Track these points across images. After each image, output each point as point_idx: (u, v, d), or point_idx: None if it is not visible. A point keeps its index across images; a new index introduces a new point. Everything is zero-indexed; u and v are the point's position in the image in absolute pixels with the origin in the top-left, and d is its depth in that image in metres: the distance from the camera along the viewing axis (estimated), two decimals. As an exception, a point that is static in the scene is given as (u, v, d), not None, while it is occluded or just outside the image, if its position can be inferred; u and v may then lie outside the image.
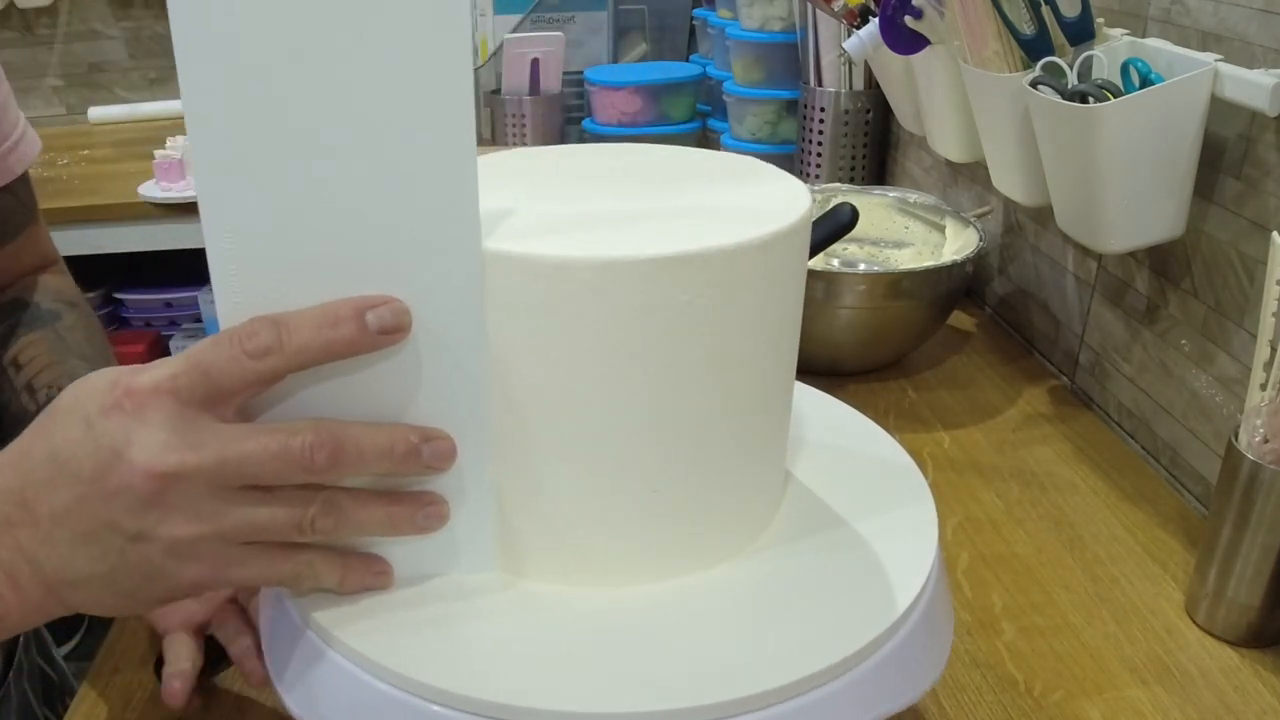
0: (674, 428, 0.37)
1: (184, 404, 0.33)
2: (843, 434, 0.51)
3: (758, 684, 0.34)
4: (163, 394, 0.33)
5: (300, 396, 0.35)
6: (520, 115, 1.51)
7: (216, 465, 0.33)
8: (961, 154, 0.94)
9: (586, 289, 0.35)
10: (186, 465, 0.32)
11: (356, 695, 0.36)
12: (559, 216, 0.38)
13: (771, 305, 0.38)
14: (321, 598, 0.38)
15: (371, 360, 0.35)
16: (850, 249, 0.98)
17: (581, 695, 0.34)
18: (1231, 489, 0.55)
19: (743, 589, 0.40)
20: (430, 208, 0.33)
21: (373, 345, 0.34)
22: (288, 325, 0.33)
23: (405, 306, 0.34)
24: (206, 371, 0.33)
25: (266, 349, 0.33)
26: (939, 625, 0.41)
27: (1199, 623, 0.58)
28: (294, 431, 0.34)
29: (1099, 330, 0.82)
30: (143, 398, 0.33)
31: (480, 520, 0.38)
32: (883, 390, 0.85)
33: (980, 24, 0.73)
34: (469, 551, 0.39)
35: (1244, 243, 0.64)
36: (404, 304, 0.34)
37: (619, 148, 0.47)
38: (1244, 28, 0.63)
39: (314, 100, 0.32)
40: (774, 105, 1.31)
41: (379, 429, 0.35)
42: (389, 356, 0.35)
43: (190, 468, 0.33)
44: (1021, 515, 0.69)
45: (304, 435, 0.34)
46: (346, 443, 0.34)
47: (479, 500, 0.38)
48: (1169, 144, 0.64)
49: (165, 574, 0.34)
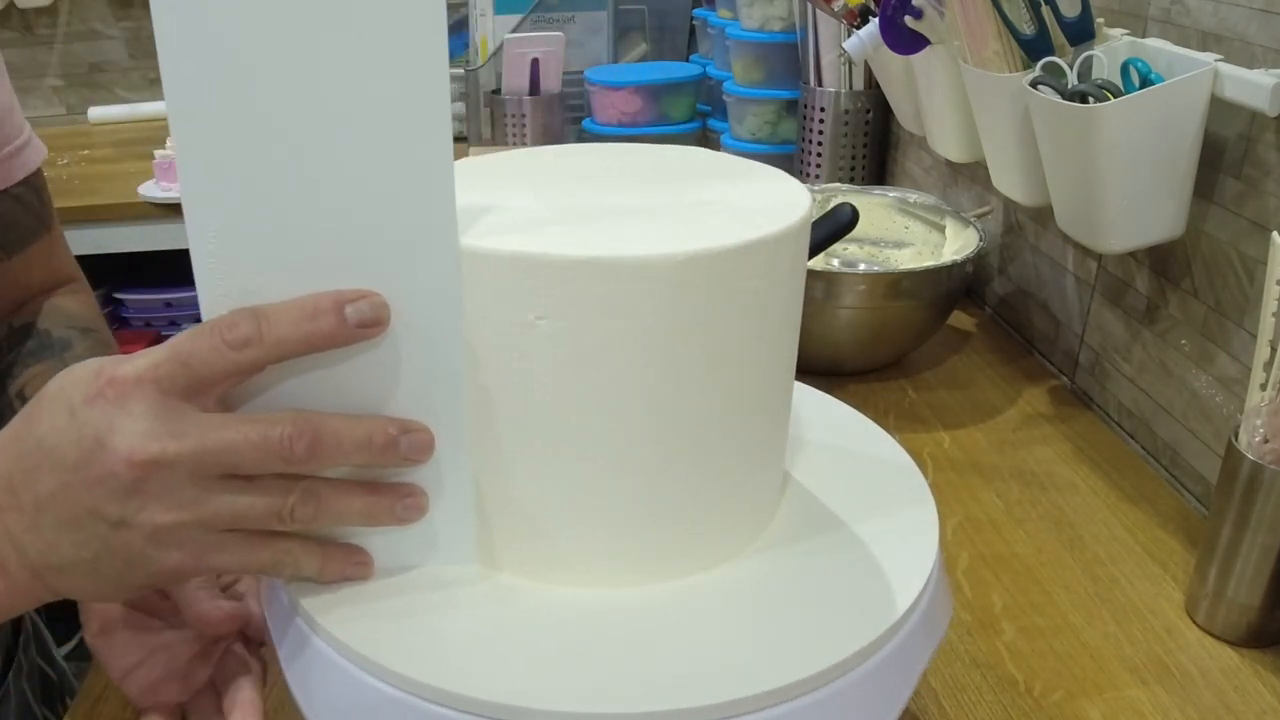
0: (673, 428, 0.37)
1: (165, 393, 0.33)
2: (843, 434, 0.51)
3: (756, 685, 0.34)
4: (145, 383, 0.33)
5: (280, 388, 0.36)
6: (520, 115, 1.51)
7: (197, 453, 0.33)
8: (961, 154, 0.94)
9: (586, 289, 0.35)
10: (168, 453, 0.33)
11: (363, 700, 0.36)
12: (559, 216, 0.38)
13: (771, 305, 0.38)
14: (322, 596, 0.38)
15: (350, 353, 0.35)
16: (850, 249, 0.97)
17: (581, 695, 0.34)
18: (1231, 489, 0.55)
19: (742, 590, 0.40)
20: (408, 205, 0.34)
21: (351, 338, 0.35)
22: (268, 317, 0.34)
23: (383, 300, 0.35)
24: (187, 362, 0.34)
25: (246, 340, 0.34)
26: (939, 627, 0.41)
27: (1199, 623, 0.58)
28: (274, 422, 0.34)
29: (1099, 330, 0.82)
30: (125, 387, 0.33)
31: (459, 512, 0.39)
32: (883, 390, 0.85)
33: (980, 24, 0.73)
34: (448, 543, 0.39)
35: (1244, 243, 0.64)
36: (382, 298, 0.35)
37: (619, 148, 0.47)
38: (1244, 28, 0.63)
39: (294, 102, 0.32)
40: (774, 105, 1.31)
41: (358, 420, 0.35)
42: (368, 350, 0.35)
43: (171, 456, 0.33)
44: (1021, 515, 0.69)
45: (283, 425, 0.34)
46: (325, 433, 0.35)
47: (457, 492, 0.38)
48: (1169, 144, 0.64)
49: (147, 560, 0.35)
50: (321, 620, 0.37)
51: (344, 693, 0.36)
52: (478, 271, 0.35)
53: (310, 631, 0.38)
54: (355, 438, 0.35)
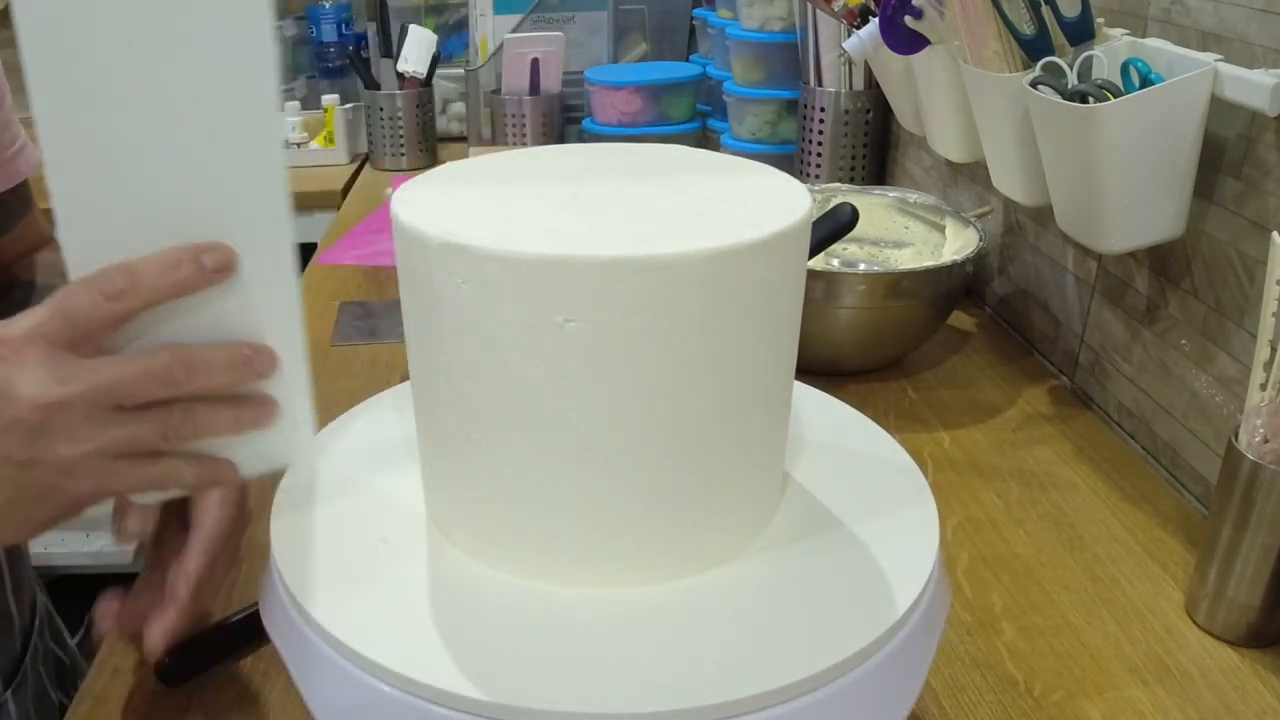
0: (672, 428, 0.37)
1: (54, 345, 0.38)
2: (843, 434, 0.51)
3: (757, 685, 0.34)
4: (35, 339, 0.38)
5: (151, 332, 0.41)
6: (520, 115, 1.51)
7: (91, 391, 0.38)
8: (961, 154, 0.94)
9: (586, 289, 0.35)
10: (67, 394, 0.38)
11: (364, 701, 0.36)
12: (559, 216, 0.38)
13: (771, 305, 0.38)
14: (322, 594, 0.38)
15: (206, 295, 0.41)
16: (850, 249, 0.97)
17: (581, 695, 0.34)
18: (1231, 489, 0.55)
19: (742, 590, 0.40)
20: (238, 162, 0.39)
21: (209, 282, 0.40)
22: (137, 270, 0.39)
23: (232, 249, 0.40)
24: (70, 315, 0.38)
25: (121, 291, 0.39)
26: (938, 627, 0.41)
27: (1199, 623, 0.58)
28: (153, 357, 0.40)
29: (1099, 330, 0.81)
30: (18, 345, 0.38)
31: (301, 414, 0.45)
32: (882, 390, 0.85)
33: (980, 24, 0.73)
34: (294, 442, 0.45)
35: (1244, 243, 0.64)
36: (230, 248, 0.40)
37: (618, 148, 0.47)
38: (1244, 27, 0.62)
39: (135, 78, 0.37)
40: (774, 105, 1.31)
41: (220, 347, 0.41)
42: (221, 291, 0.41)
43: (71, 396, 0.38)
44: (1021, 515, 0.68)
45: (163, 357, 0.40)
46: (196, 359, 0.40)
47: (298, 398, 0.44)
48: (1169, 144, 0.64)
49: (57, 491, 0.40)
50: (320, 619, 0.37)
51: (345, 693, 0.36)
52: (501, 275, 0.35)
53: (309, 631, 0.38)
54: (221, 360, 0.41)
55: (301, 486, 0.46)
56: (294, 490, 0.45)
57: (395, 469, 0.47)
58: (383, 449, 0.49)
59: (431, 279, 0.37)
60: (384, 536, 0.43)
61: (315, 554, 0.41)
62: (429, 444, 0.42)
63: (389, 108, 1.55)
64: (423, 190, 0.41)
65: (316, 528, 0.43)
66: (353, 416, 0.52)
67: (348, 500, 0.45)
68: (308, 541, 0.42)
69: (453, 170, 0.44)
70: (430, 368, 0.40)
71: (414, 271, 0.38)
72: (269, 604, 0.42)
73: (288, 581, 0.40)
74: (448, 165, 0.45)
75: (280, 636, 0.40)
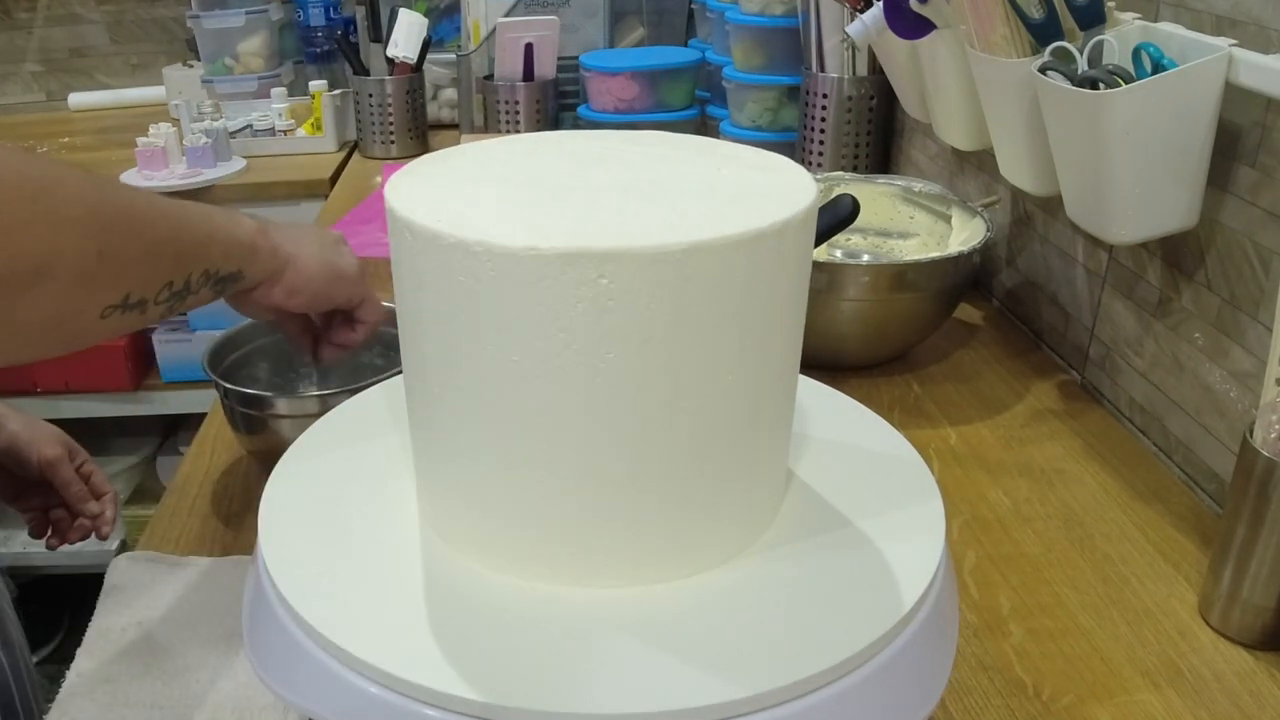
0: (673, 423, 0.37)
1: None
2: (847, 429, 0.50)
3: (758, 684, 0.34)
4: None
5: None
6: (513, 102, 1.50)
7: None
8: (968, 142, 0.93)
9: (586, 281, 0.34)
10: None
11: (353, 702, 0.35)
12: (556, 207, 0.37)
13: (775, 297, 0.38)
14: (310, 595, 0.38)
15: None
16: (854, 240, 0.97)
17: (580, 696, 0.34)
18: (1246, 487, 0.54)
19: (745, 588, 0.40)
20: None
21: None
22: None
23: None
24: None
25: None
26: (947, 625, 0.41)
27: (1213, 625, 0.57)
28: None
29: (1109, 323, 0.80)
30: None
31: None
32: (887, 385, 0.85)
33: (987, 7, 0.73)
34: None
35: (1259, 233, 0.63)
36: None
37: (615, 135, 0.46)
38: (1260, 11, 0.62)
39: None
40: (775, 91, 1.30)
41: None
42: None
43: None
44: (1030, 513, 0.68)
45: None
46: None
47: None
48: (1182, 131, 0.63)
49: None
50: (309, 619, 0.37)
51: (333, 694, 0.36)
52: (503, 269, 0.34)
53: (298, 631, 0.38)
54: None
55: (290, 485, 0.45)
56: (282, 489, 0.45)
57: (386, 465, 0.46)
58: (373, 445, 0.48)
59: (430, 273, 0.36)
60: (375, 535, 0.42)
61: (304, 551, 0.41)
62: (422, 439, 0.42)
63: (378, 94, 1.53)
64: (418, 180, 0.40)
65: (305, 525, 0.43)
66: (341, 411, 0.52)
67: (338, 497, 0.45)
68: (296, 539, 0.42)
69: (448, 158, 0.43)
70: (425, 363, 0.39)
71: (411, 265, 0.37)
72: (256, 604, 0.41)
73: (276, 581, 0.39)
74: (442, 152, 0.44)
75: (264, 636, 0.40)
